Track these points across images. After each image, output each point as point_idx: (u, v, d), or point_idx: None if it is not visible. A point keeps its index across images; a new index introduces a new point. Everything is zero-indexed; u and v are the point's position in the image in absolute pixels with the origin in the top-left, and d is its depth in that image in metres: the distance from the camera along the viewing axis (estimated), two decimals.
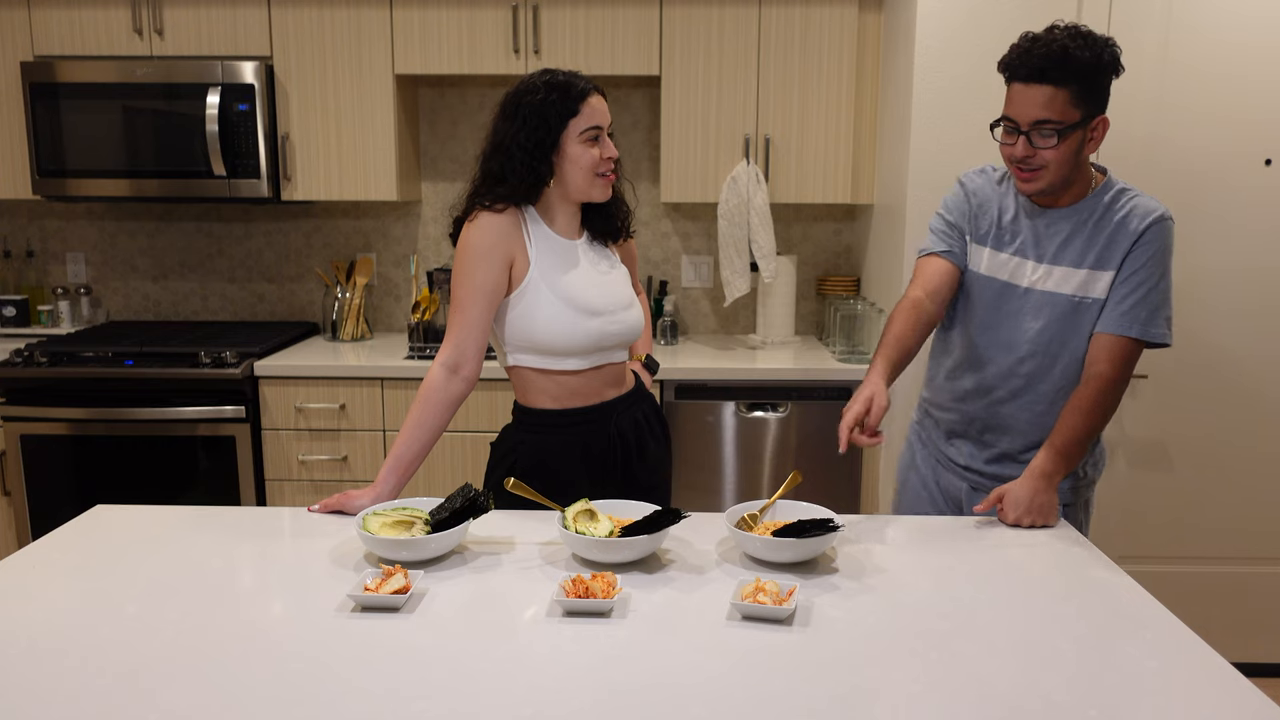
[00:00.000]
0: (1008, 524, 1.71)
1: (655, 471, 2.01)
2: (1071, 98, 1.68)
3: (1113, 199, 1.81)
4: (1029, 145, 1.72)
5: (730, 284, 3.23)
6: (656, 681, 1.17)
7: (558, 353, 1.84)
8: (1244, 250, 2.78)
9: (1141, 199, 1.81)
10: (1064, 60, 1.66)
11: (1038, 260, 1.83)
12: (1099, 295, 1.80)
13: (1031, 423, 1.89)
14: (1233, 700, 1.14)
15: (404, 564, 1.48)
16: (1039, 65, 1.67)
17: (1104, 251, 1.79)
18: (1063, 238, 1.82)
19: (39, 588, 1.43)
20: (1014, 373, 1.87)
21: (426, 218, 3.60)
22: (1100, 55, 1.68)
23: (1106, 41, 1.70)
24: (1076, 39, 1.67)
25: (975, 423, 1.95)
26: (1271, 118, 2.72)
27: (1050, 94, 1.68)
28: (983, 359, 1.90)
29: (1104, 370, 1.78)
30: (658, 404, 2.09)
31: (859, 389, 1.71)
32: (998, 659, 1.23)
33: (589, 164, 1.79)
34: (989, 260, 1.88)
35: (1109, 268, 1.79)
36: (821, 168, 3.17)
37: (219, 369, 2.96)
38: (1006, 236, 1.87)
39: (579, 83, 1.79)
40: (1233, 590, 2.95)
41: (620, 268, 1.95)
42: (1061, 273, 1.81)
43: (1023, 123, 1.71)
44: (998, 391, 1.90)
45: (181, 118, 3.08)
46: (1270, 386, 2.85)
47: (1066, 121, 1.69)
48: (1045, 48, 1.67)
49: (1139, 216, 1.78)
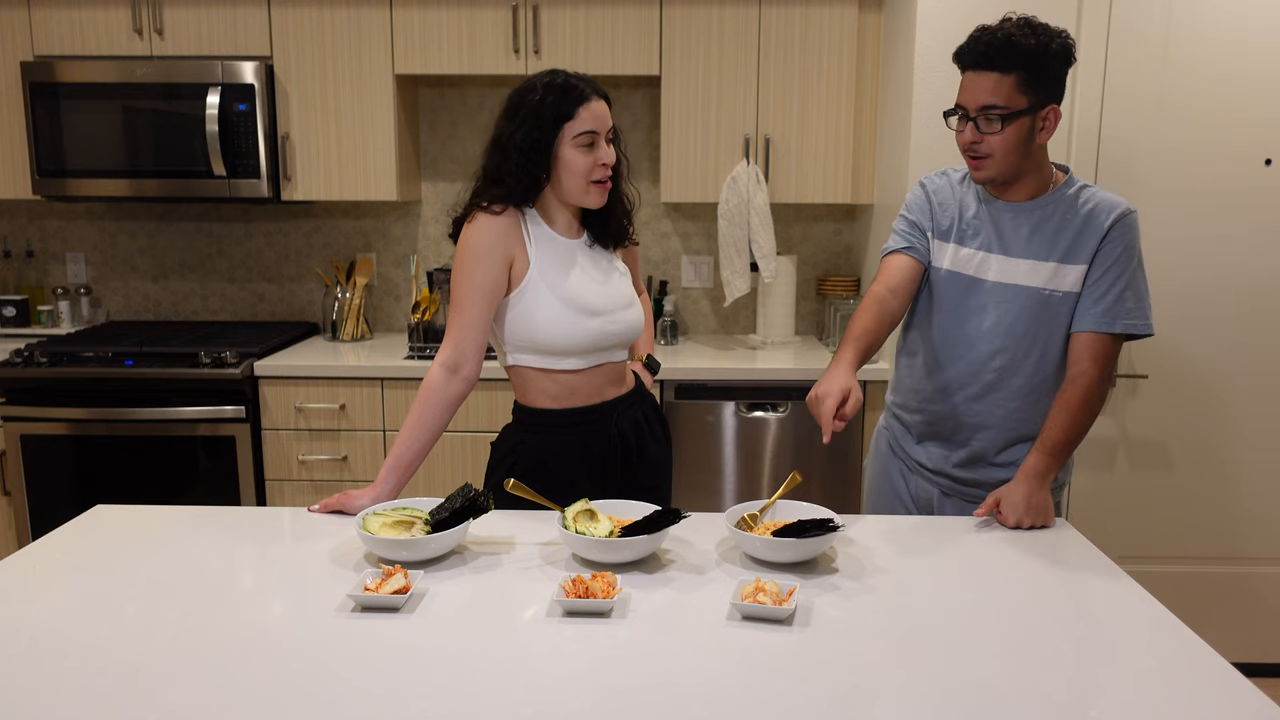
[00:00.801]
0: (1008, 527, 1.71)
1: (656, 472, 2.01)
2: (1018, 84, 1.71)
3: (1075, 194, 1.83)
4: (976, 131, 1.75)
5: (730, 284, 3.23)
6: (656, 681, 1.17)
7: (557, 352, 1.84)
8: (1244, 250, 2.78)
9: (1104, 194, 1.83)
10: (1009, 47, 1.69)
11: (1003, 254, 1.84)
12: (1069, 289, 1.81)
13: (1006, 419, 1.88)
14: (1233, 700, 1.14)
15: (404, 564, 1.48)
16: (985, 52, 1.71)
17: (1072, 245, 1.80)
18: (1027, 231, 1.83)
19: (39, 588, 1.43)
20: (985, 368, 1.87)
21: (426, 218, 3.60)
22: (1048, 44, 1.71)
23: (1057, 32, 1.73)
24: (1024, 28, 1.71)
25: (946, 422, 1.94)
26: (1271, 118, 2.72)
27: (996, 80, 1.71)
28: (952, 356, 1.90)
29: (1088, 369, 1.79)
30: (658, 404, 2.09)
31: (828, 379, 1.70)
32: (998, 659, 1.23)
33: (583, 169, 1.78)
34: (953, 256, 1.89)
35: (1078, 261, 1.80)
36: (821, 168, 3.17)
37: (219, 369, 2.96)
38: (970, 232, 1.88)
39: (580, 86, 1.77)
40: (1233, 590, 2.95)
41: (621, 268, 1.95)
42: (1028, 265, 1.82)
43: (970, 108, 1.75)
44: (970, 388, 1.89)
45: (181, 118, 3.08)
46: (1270, 387, 2.85)
47: (1013, 107, 1.72)
48: (992, 35, 1.71)
49: (1104, 211, 1.80)
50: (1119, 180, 2.75)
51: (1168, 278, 2.79)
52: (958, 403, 1.91)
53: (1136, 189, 2.75)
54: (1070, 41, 1.74)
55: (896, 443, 2.06)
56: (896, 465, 2.06)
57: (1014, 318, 1.84)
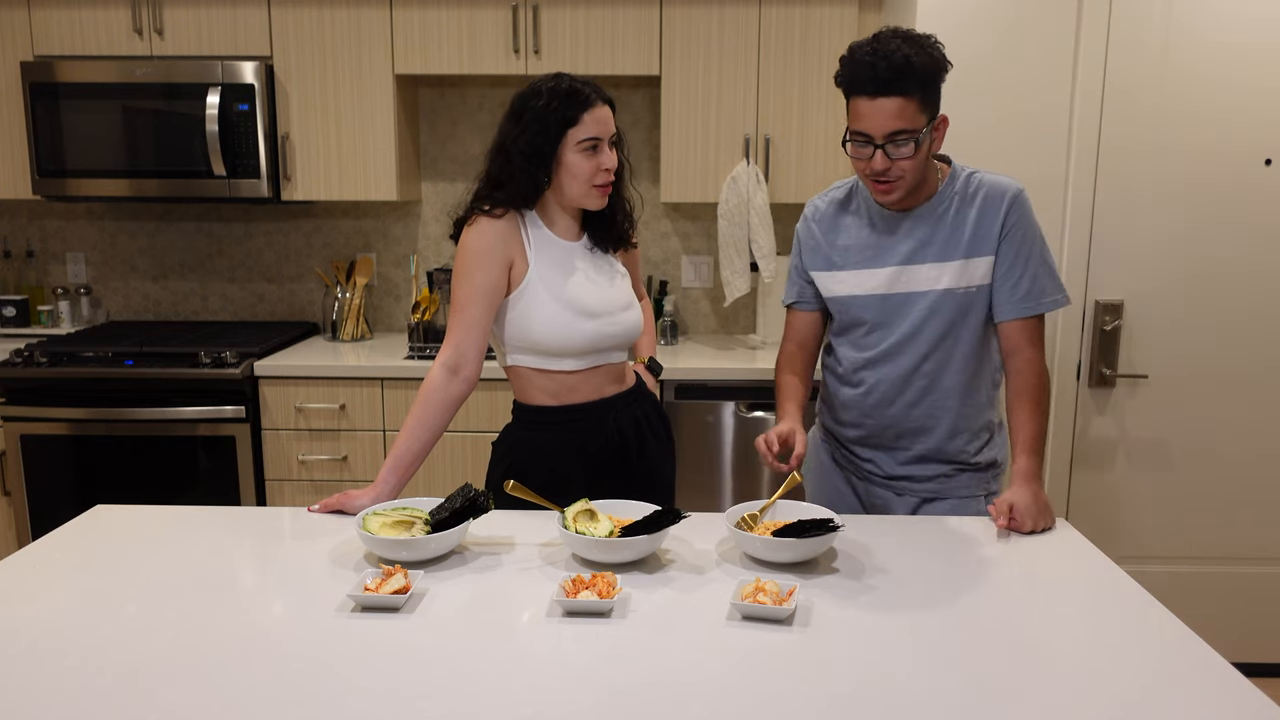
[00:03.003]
0: (1023, 533, 1.68)
1: (657, 470, 2.01)
2: (919, 104, 1.70)
3: (964, 185, 1.83)
4: (886, 158, 1.71)
5: (730, 284, 3.23)
6: (656, 681, 1.17)
7: (555, 353, 1.84)
8: (1244, 250, 2.78)
9: (990, 177, 1.84)
10: (909, 69, 1.66)
11: (907, 263, 1.84)
12: (980, 281, 1.82)
13: (946, 415, 1.89)
14: (1233, 700, 1.14)
15: (404, 564, 1.48)
16: (885, 77, 1.66)
17: (974, 238, 1.81)
18: (926, 235, 1.83)
19: (39, 588, 1.43)
20: (916, 373, 1.87)
21: (426, 218, 3.60)
22: (938, 59, 1.70)
23: (935, 42, 1.72)
24: (913, 45, 1.68)
25: (888, 432, 1.93)
26: (1271, 118, 2.72)
27: (900, 105, 1.68)
28: (880, 372, 1.90)
29: (1029, 354, 1.83)
30: (660, 403, 2.09)
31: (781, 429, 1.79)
32: (998, 659, 1.23)
33: (586, 174, 1.78)
34: (853, 280, 1.88)
35: (983, 253, 1.81)
36: (821, 168, 3.17)
37: (219, 369, 2.96)
38: (869, 252, 1.87)
39: (585, 92, 1.77)
40: (1233, 590, 2.95)
41: (620, 270, 1.95)
42: (934, 269, 1.82)
43: (877, 136, 1.70)
44: (905, 395, 1.89)
45: (181, 118, 3.08)
46: (1270, 387, 2.85)
47: (918, 128, 1.70)
48: (887, 60, 1.66)
49: (997, 198, 1.81)
50: (1119, 181, 2.75)
51: (1168, 277, 2.79)
52: (896, 413, 1.91)
53: (1136, 189, 2.76)
54: (943, 46, 1.73)
55: (843, 455, 2.04)
56: (841, 475, 2.05)
57: (934, 323, 1.84)
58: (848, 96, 1.75)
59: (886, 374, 1.89)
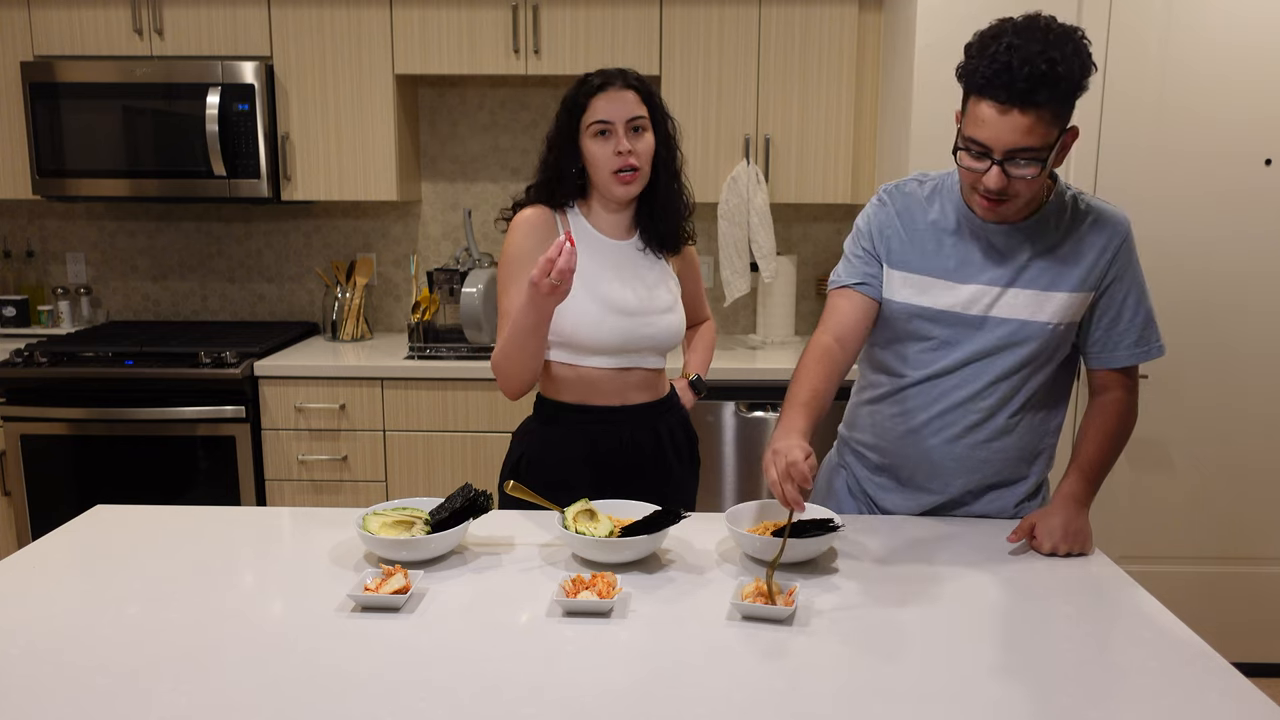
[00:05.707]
0: (1043, 553, 1.58)
1: (676, 491, 1.94)
2: (1052, 117, 1.42)
3: (1072, 207, 1.61)
4: (1003, 176, 1.46)
5: (730, 284, 3.23)
6: (656, 681, 1.17)
7: (584, 349, 1.83)
8: (1244, 250, 2.78)
9: (1101, 205, 1.62)
10: (1051, 80, 1.38)
11: (995, 284, 1.61)
12: (1072, 319, 1.62)
13: (988, 461, 1.69)
14: (1233, 700, 1.14)
15: (404, 564, 1.48)
16: (1022, 87, 1.38)
17: (1081, 271, 1.59)
18: (1025, 257, 1.60)
19: (39, 588, 1.43)
20: (971, 408, 1.65)
21: (426, 217, 3.60)
22: (1085, 63, 1.43)
23: (1082, 37, 1.44)
24: (1059, 45, 1.39)
25: (920, 467, 1.71)
26: (1271, 118, 2.72)
27: (1033, 120, 1.41)
28: (930, 396, 1.67)
29: (1122, 396, 1.68)
30: (688, 421, 2.02)
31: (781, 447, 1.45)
32: (998, 659, 1.23)
33: (602, 161, 1.78)
34: (928, 290, 1.64)
35: (1087, 288, 1.60)
36: (821, 168, 3.17)
37: (219, 369, 2.96)
38: (952, 262, 1.62)
39: (593, 78, 1.79)
40: (1233, 590, 2.95)
41: (671, 275, 1.92)
42: (1030, 297, 1.60)
43: (997, 150, 1.44)
44: (950, 430, 1.67)
45: (181, 118, 3.08)
46: (1271, 387, 2.85)
47: (1047, 146, 1.44)
48: (1028, 65, 1.37)
49: (1109, 229, 1.60)
50: (1119, 181, 2.75)
51: (1168, 278, 2.79)
52: (933, 446, 1.68)
53: (1136, 190, 2.75)
54: (1089, 43, 1.45)
55: (857, 485, 1.83)
56: (853, 507, 1.84)
57: (1011, 355, 1.62)
58: (967, 94, 1.48)
59: (933, 403, 1.67)
